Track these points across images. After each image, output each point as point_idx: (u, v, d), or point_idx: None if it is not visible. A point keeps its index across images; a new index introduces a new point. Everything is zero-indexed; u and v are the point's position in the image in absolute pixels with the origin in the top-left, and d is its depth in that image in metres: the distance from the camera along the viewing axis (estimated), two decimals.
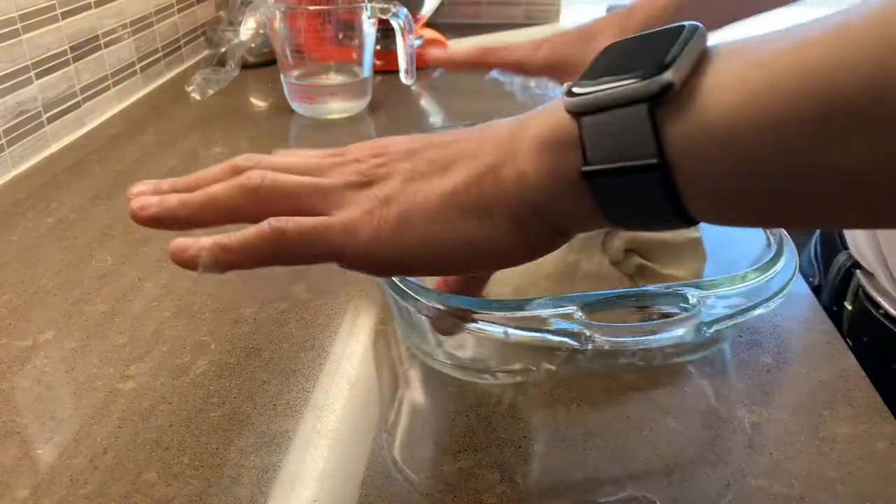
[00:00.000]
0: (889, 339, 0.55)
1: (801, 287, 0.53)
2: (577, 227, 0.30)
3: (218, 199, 0.32)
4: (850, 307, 0.60)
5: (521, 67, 0.59)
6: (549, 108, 0.28)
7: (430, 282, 0.39)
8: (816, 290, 0.66)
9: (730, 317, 0.37)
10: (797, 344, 0.47)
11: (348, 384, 0.45)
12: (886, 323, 0.56)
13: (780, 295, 0.38)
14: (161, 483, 0.38)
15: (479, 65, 0.60)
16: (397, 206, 0.30)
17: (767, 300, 0.38)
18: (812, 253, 0.70)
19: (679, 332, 0.36)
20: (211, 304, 0.53)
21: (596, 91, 0.25)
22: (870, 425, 0.41)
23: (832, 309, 0.62)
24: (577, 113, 0.26)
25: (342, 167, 0.32)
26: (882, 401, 0.42)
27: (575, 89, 0.26)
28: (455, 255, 0.30)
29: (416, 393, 0.44)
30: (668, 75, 0.24)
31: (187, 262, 0.31)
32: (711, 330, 0.37)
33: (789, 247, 0.42)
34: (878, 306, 0.57)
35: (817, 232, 0.71)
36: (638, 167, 0.25)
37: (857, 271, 0.60)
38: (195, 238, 0.31)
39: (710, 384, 0.44)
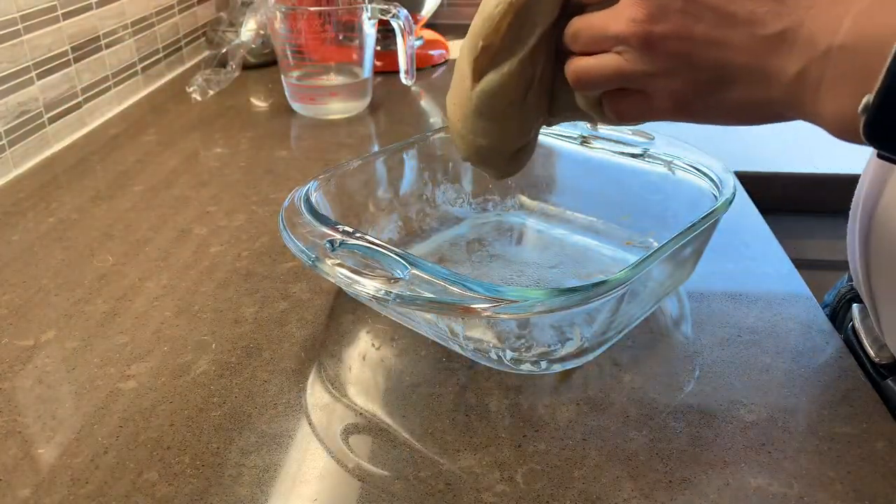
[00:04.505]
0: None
1: (800, 288, 0.53)
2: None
3: None
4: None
5: None
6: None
7: None
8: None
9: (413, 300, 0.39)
10: (797, 344, 0.47)
11: (348, 384, 0.45)
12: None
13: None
14: (162, 482, 0.38)
15: None
16: None
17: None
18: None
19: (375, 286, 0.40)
20: (211, 303, 0.53)
21: None
22: (869, 425, 0.41)
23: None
24: None
25: None
26: (882, 400, 0.42)
27: None
28: None
29: (416, 392, 0.44)
30: None
31: None
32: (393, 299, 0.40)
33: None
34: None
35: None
36: None
37: (855, 305, 0.53)
38: None
39: (711, 384, 0.44)
